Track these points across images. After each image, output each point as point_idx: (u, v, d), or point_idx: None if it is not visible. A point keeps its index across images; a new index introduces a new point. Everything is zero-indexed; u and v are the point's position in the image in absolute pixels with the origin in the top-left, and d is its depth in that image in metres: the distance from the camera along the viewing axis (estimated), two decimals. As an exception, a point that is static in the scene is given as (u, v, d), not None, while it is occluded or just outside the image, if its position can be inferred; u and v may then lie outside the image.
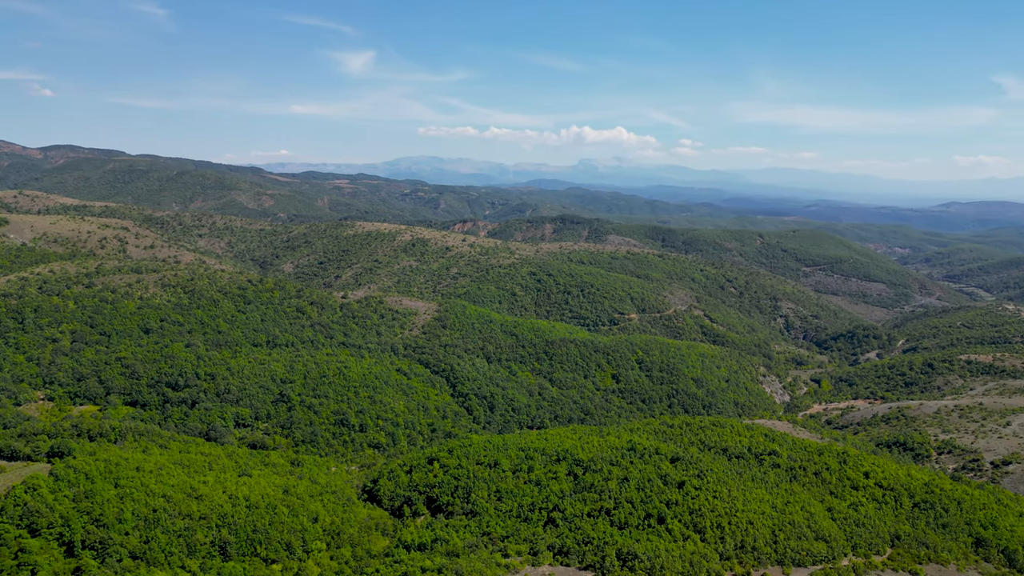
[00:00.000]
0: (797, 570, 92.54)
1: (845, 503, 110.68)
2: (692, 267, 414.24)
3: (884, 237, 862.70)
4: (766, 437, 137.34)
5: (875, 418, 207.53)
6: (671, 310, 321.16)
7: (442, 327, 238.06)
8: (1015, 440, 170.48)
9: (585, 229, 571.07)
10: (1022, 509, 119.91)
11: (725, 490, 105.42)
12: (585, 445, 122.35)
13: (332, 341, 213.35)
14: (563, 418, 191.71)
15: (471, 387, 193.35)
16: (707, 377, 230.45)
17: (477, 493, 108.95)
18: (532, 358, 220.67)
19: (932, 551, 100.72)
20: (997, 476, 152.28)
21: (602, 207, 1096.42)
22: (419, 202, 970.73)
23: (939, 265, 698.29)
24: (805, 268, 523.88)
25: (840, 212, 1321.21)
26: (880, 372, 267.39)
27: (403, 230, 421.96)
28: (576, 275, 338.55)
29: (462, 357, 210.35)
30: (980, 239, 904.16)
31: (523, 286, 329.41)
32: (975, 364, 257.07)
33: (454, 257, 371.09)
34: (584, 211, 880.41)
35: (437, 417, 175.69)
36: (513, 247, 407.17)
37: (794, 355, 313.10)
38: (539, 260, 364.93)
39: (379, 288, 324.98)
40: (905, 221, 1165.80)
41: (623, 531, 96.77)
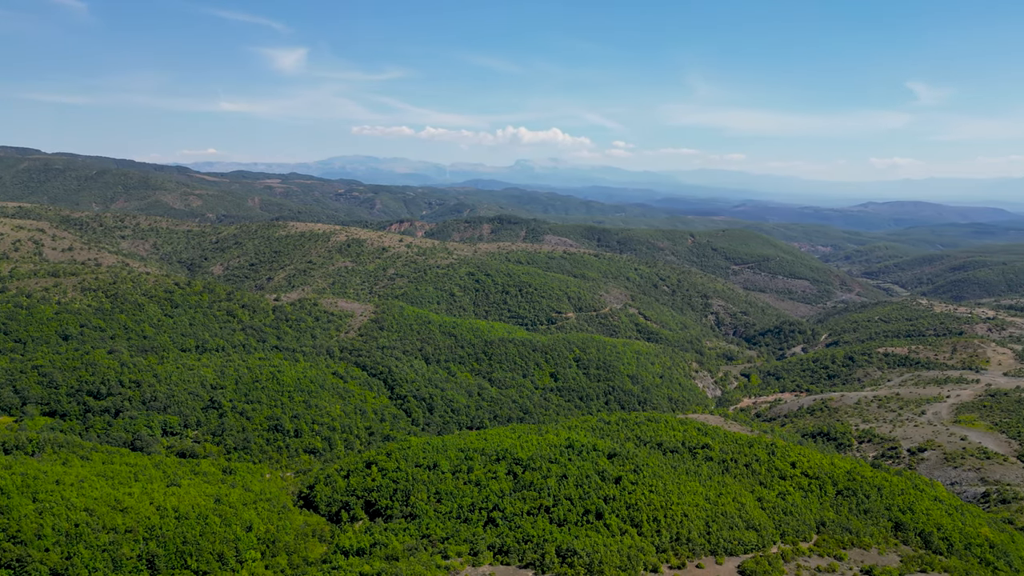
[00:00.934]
0: (729, 559, 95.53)
1: (774, 492, 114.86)
2: (627, 266, 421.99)
3: (807, 236, 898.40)
4: (699, 431, 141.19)
5: (801, 410, 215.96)
6: (607, 309, 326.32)
7: (379, 329, 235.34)
8: (929, 428, 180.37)
9: (523, 229, 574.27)
10: (936, 494, 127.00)
11: (661, 484, 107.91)
12: (524, 444, 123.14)
13: (265, 345, 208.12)
14: (503, 418, 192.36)
15: (409, 389, 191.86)
16: (642, 374, 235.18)
17: (416, 495, 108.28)
18: (471, 358, 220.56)
19: (855, 536, 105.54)
20: (913, 463, 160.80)
21: (539, 207, 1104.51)
22: (354, 202, 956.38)
23: (858, 262, 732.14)
24: (734, 266, 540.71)
25: (766, 212, 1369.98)
26: (805, 366, 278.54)
27: (338, 230, 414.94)
28: (514, 275, 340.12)
29: (400, 359, 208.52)
30: (895, 238, 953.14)
31: (461, 286, 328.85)
32: (892, 356, 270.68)
33: (391, 258, 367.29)
34: (521, 211, 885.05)
35: (375, 420, 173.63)
36: (451, 247, 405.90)
37: (725, 351, 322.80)
38: (477, 260, 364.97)
39: (313, 290, 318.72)
40: (826, 221, 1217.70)
41: (562, 528, 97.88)
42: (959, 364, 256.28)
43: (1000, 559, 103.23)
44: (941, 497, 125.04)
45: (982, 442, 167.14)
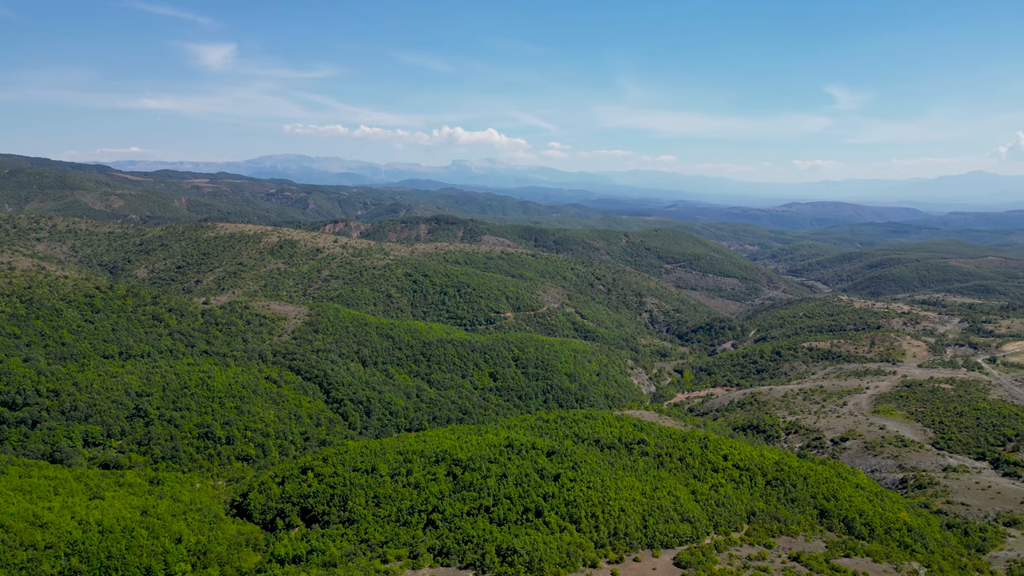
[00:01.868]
0: (665, 551, 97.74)
1: (707, 485, 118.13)
2: (564, 266, 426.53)
3: (736, 235, 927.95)
4: (635, 427, 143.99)
5: (731, 404, 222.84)
6: (545, 308, 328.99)
7: (314, 332, 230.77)
8: (850, 419, 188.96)
9: (460, 229, 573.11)
10: (858, 481, 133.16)
11: (598, 480, 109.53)
12: (464, 445, 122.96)
13: (194, 350, 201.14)
14: (442, 419, 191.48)
15: (346, 392, 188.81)
16: (580, 372, 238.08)
17: (354, 500, 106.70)
18: (409, 360, 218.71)
19: (783, 524, 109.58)
20: (836, 452, 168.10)
21: (476, 207, 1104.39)
22: (286, 202, 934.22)
23: (784, 260, 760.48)
24: (667, 265, 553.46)
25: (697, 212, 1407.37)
26: (735, 361, 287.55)
27: (270, 231, 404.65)
28: (452, 275, 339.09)
29: (336, 362, 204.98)
30: (818, 236, 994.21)
31: (399, 287, 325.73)
32: (816, 351, 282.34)
33: (325, 259, 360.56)
34: (459, 211, 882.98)
35: (311, 425, 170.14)
36: (387, 248, 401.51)
37: (659, 348, 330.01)
38: (415, 261, 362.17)
39: (244, 293, 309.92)
40: (753, 220, 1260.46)
41: (502, 527, 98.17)
42: (877, 357, 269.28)
43: (917, 542, 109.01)
44: (862, 484, 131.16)
45: (899, 431, 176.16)
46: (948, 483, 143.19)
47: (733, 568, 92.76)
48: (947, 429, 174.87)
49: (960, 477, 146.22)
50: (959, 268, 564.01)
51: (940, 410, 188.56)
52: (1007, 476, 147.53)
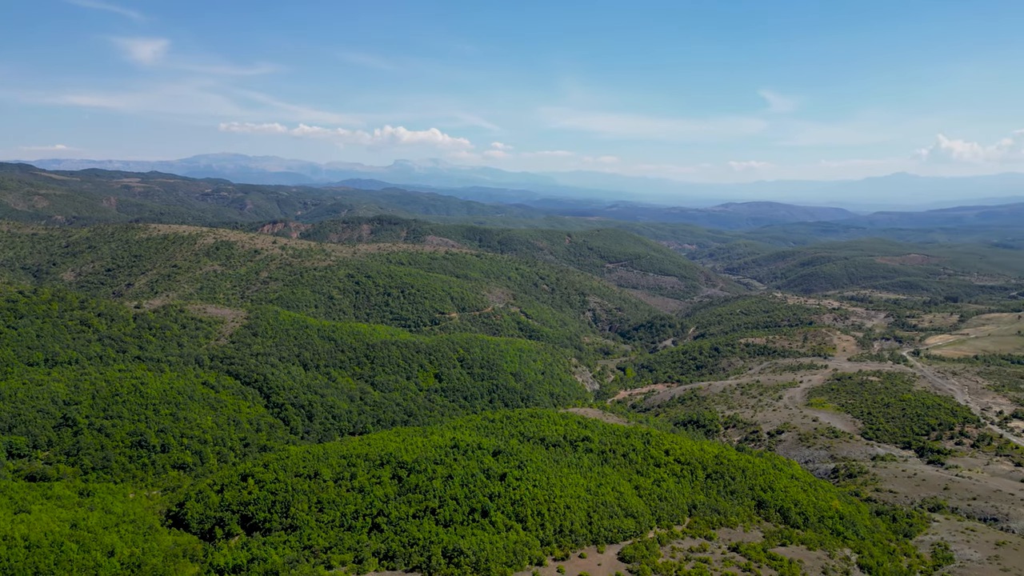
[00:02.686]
0: (610, 547, 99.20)
1: (649, 480, 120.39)
2: (508, 266, 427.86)
3: (675, 235, 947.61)
4: (579, 424, 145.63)
5: (672, 400, 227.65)
6: (489, 308, 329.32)
7: (253, 335, 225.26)
8: (786, 412, 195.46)
9: (403, 230, 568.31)
10: (793, 472, 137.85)
11: (544, 478, 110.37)
12: (409, 447, 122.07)
13: (126, 356, 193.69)
14: (386, 421, 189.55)
15: (287, 396, 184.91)
16: (525, 371, 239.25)
17: (297, 506, 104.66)
18: (352, 362, 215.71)
19: (723, 516, 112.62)
20: (773, 444, 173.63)
21: (420, 208, 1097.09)
22: (223, 202, 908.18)
23: (721, 259, 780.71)
24: (609, 264, 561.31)
25: (638, 212, 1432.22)
26: (675, 358, 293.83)
27: (205, 232, 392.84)
28: (396, 276, 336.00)
29: (276, 365, 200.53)
30: (753, 236, 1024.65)
31: (341, 289, 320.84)
32: (752, 346, 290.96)
33: (264, 260, 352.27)
34: (402, 212, 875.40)
35: (250, 431, 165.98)
36: (329, 249, 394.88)
37: (602, 346, 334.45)
38: (357, 262, 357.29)
39: (179, 296, 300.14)
40: (692, 220, 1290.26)
41: (448, 529, 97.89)
42: (810, 351, 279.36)
43: (849, 529, 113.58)
44: (797, 475, 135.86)
45: (831, 422, 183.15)
46: (877, 471, 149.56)
47: (675, 561, 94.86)
48: (875, 420, 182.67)
49: (888, 465, 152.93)
50: (885, 265, 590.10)
51: (868, 402, 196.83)
52: (931, 464, 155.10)
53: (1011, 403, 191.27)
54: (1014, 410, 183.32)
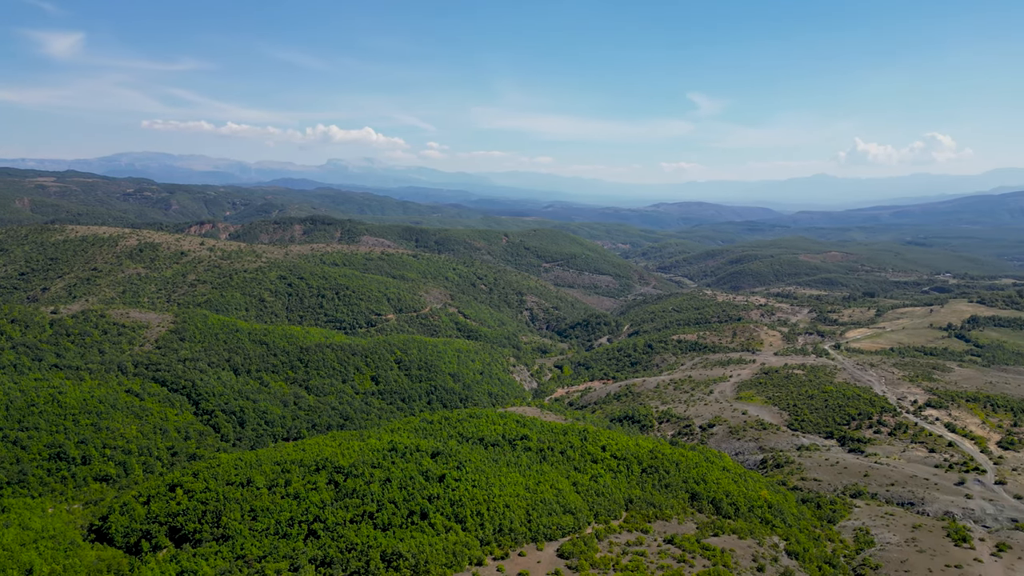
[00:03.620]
0: (549, 544, 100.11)
1: (587, 476, 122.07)
2: (445, 266, 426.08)
3: (610, 234, 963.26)
4: (518, 423, 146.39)
5: (609, 396, 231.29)
6: (427, 309, 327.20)
7: (180, 340, 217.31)
8: (716, 406, 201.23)
9: (338, 230, 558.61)
10: (725, 464, 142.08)
11: (483, 478, 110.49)
12: (346, 451, 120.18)
13: (42, 364, 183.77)
14: (322, 426, 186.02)
15: (217, 403, 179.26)
16: (463, 371, 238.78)
17: (229, 515, 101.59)
18: (286, 366, 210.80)
19: (659, 509, 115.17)
20: (705, 437, 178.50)
21: (354, 208, 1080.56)
22: (146, 203, 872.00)
23: (653, 258, 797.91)
24: (545, 264, 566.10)
25: (573, 212, 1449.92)
26: (611, 355, 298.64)
27: (128, 234, 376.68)
28: (330, 277, 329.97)
29: (205, 371, 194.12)
30: (684, 235, 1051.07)
31: (272, 291, 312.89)
32: (684, 343, 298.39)
33: (191, 262, 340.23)
34: (336, 212, 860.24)
35: (178, 439, 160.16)
36: (260, 250, 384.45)
37: (539, 344, 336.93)
38: (289, 263, 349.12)
39: (100, 300, 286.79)
40: (625, 220, 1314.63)
41: (387, 532, 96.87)
42: (739, 347, 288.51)
43: (777, 517, 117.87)
44: (728, 467, 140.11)
45: (759, 415, 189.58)
46: (802, 461, 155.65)
47: (613, 555, 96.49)
48: (800, 411, 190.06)
49: (812, 455, 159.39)
50: (807, 263, 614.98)
51: (794, 394, 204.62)
52: (852, 452, 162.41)
53: (924, 392, 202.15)
54: (927, 399, 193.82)
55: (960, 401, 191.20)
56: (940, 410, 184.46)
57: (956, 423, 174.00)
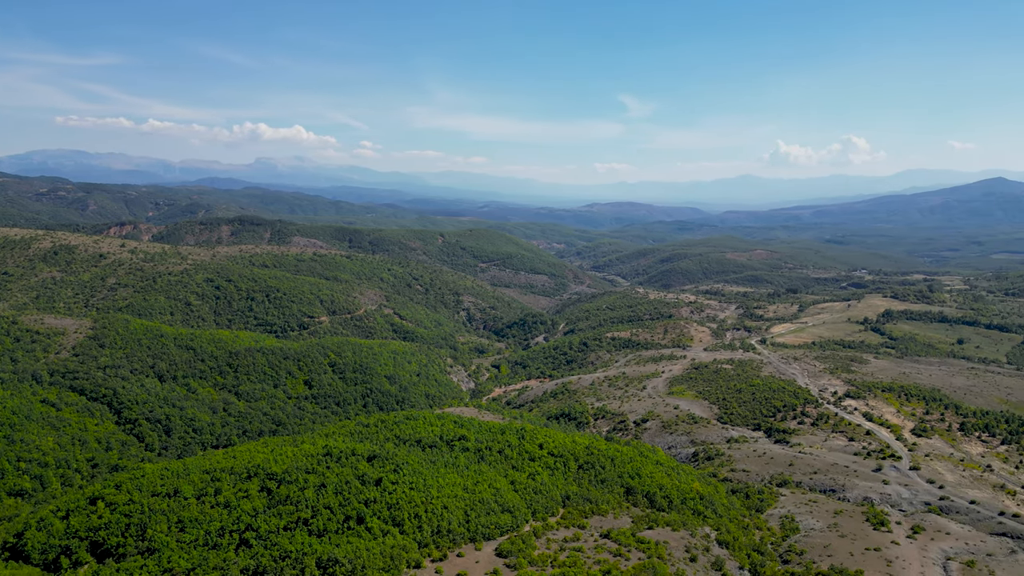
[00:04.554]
0: (488, 543, 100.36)
1: (525, 474, 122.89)
2: (380, 267, 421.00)
3: (544, 234, 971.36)
4: (456, 424, 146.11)
5: (545, 395, 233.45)
6: (362, 310, 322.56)
7: (100, 346, 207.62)
8: (650, 401, 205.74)
9: (267, 231, 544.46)
10: (658, 458, 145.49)
11: (421, 480, 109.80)
12: (278, 457, 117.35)
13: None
14: (253, 432, 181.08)
15: (141, 411, 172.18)
16: (400, 373, 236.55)
17: (155, 527, 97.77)
18: (214, 372, 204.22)
19: (595, 505, 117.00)
20: (639, 432, 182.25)
21: (284, 208, 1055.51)
22: (61, 203, 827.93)
23: (588, 257, 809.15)
24: (482, 264, 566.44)
25: (508, 212, 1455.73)
26: (547, 353, 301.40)
27: (41, 235, 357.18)
28: (260, 279, 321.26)
29: (127, 379, 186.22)
30: (617, 234, 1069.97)
31: (199, 294, 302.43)
32: (618, 340, 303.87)
33: (111, 265, 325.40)
34: (265, 212, 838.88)
35: (99, 450, 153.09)
36: (185, 252, 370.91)
37: (477, 344, 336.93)
38: (217, 265, 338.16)
39: (11, 306, 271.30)
40: (560, 220, 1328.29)
41: (322, 538, 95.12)
42: (670, 343, 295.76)
43: (708, 508, 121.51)
44: (662, 460, 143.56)
45: (691, 409, 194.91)
46: (731, 453, 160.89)
47: (551, 552, 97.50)
48: (729, 405, 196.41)
49: (741, 447, 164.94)
50: (734, 261, 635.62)
51: (723, 388, 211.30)
52: (778, 443, 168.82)
53: (844, 384, 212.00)
54: (846, 390, 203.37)
55: (876, 391, 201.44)
56: (858, 400, 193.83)
57: (873, 412, 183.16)
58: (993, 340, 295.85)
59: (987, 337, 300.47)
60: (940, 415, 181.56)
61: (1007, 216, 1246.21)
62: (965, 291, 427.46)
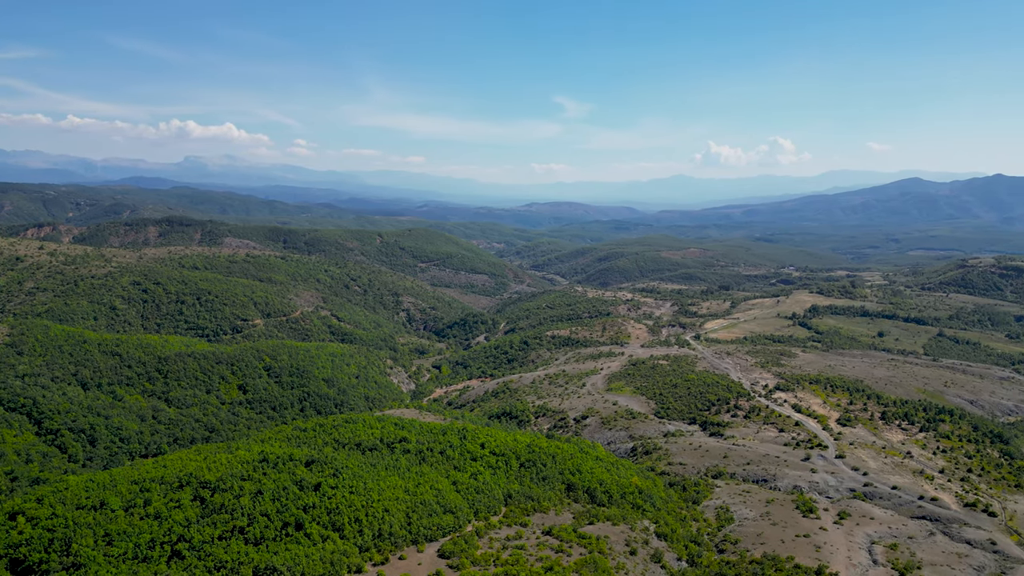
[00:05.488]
0: (430, 545, 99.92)
1: (467, 474, 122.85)
2: (317, 268, 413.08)
3: (484, 234, 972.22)
4: (396, 426, 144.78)
5: (487, 394, 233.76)
6: (298, 312, 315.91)
7: (17, 354, 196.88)
8: (589, 398, 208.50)
9: (197, 232, 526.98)
10: (598, 454, 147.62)
11: (361, 484, 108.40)
12: (212, 465, 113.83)
13: None
14: (185, 440, 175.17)
15: (63, 421, 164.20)
16: (338, 376, 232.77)
17: (80, 542, 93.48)
18: (142, 378, 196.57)
19: (537, 502, 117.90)
20: (579, 429, 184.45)
21: (215, 208, 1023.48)
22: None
23: (527, 257, 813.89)
24: (421, 264, 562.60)
25: (448, 212, 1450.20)
26: (488, 353, 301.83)
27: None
28: (190, 282, 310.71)
29: (48, 387, 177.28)
30: (555, 234, 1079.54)
31: (125, 298, 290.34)
32: (558, 338, 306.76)
33: (28, 269, 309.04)
34: (195, 212, 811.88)
35: (19, 463, 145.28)
36: (109, 254, 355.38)
37: (417, 345, 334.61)
38: (144, 268, 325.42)
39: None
40: (499, 220, 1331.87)
41: (260, 547, 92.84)
42: (608, 340, 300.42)
43: (647, 502, 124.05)
44: (601, 456, 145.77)
45: (629, 405, 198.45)
46: (668, 447, 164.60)
47: (493, 550, 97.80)
48: (666, 400, 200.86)
49: (677, 440, 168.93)
50: (669, 259, 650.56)
51: (660, 383, 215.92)
52: (713, 436, 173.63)
53: (774, 377, 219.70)
54: (776, 383, 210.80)
55: (804, 384, 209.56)
56: (788, 393, 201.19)
57: (801, 404, 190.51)
58: (911, 333, 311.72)
59: (905, 330, 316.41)
60: (863, 405, 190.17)
61: (922, 215, 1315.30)
62: (885, 286, 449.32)
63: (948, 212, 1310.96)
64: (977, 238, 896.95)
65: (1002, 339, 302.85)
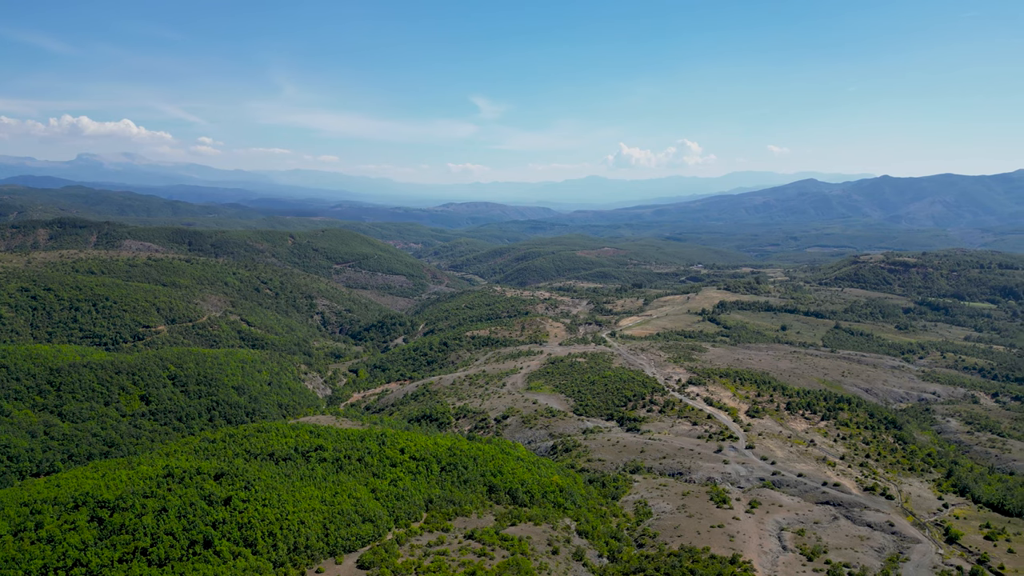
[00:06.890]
0: (348, 556, 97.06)
1: (386, 481, 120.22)
2: (224, 271, 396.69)
3: (401, 234, 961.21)
4: (311, 434, 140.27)
5: (406, 397, 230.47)
6: (205, 317, 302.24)
7: None
8: (509, 397, 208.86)
9: (93, 234, 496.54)
10: (519, 454, 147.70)
11: (275, 496, 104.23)
12: (111, 482, 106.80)
13: None
14: (81, 456, 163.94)
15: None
16: (249, 383, 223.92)
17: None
18: (32, 391, 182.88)
19: (459, 506, 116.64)
20: (500, 429, 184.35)
21: (113, 209, 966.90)
22: None
23: (445, 257, 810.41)
24: (336, 265, 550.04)
25: (363, 212, 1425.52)
26: (407, 355, 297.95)
27: None
28: (85, 287, 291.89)
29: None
30: (473, 234, 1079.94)
31: (12, 305, 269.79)
32: (477, 338, 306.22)
33: None
34: (90, 213, 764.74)
35: None
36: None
37: (333, 349, 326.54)
38: (33, 273, 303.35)
39: None
40: (417, 220, 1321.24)
41: (164, 568, 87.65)
42: (527, 339, 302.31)
43: (568, 500, 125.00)
44: (522, 456, 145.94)
45: (548, 403, 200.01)
46: (587, 443, 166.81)
47: (415, 558, 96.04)
48: (584, 397, 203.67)
49: (596, 437, 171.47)
50: (584, 258, 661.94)
51: (578, 381, 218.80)
52: (630, 431, 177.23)
53: (686, 371, 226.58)
54: (689, 377, 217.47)
55: (715, 377, 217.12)
56: (700, 387, 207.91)
57: (713, 397, 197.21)
58: (811, 326, 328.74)
59: (806, 323, 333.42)
60: (770, 396, 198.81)
61: (818, 214, 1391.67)
62: (786, 282, 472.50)
63: (841, 211, 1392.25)
64: (867, 235, 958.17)
65: (892, 330, 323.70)
